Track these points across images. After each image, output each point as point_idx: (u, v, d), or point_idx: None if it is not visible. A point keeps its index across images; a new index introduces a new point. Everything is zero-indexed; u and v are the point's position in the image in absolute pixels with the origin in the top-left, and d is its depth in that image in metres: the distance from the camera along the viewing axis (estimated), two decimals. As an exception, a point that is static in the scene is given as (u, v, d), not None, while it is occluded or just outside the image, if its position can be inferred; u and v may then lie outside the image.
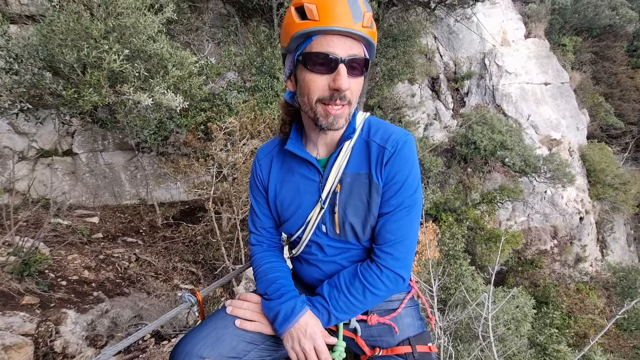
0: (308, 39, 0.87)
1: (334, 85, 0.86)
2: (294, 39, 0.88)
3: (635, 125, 16.24)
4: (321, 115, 0.91)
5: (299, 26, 0.86)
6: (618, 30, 15.98)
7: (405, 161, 0.99)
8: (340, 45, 0.85)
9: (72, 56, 3.15)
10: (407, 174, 0.99)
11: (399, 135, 1.01)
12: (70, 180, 5.34)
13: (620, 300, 9.01)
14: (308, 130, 1.04)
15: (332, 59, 0.85)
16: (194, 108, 4.69)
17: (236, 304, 1.08)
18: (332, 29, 0.83)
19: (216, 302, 3.94)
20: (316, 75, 0.88)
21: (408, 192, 0.99)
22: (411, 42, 8.60)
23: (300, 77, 0.91)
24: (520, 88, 11.70)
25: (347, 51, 0.86)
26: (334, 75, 0.86)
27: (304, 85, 0.91)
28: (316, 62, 0.86)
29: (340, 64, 0.85)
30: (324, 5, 0.83)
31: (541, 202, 10.76)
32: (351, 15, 0.83)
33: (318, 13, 0.83)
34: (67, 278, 3.59)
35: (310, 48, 0.86)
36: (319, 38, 0.85)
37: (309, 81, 0.89)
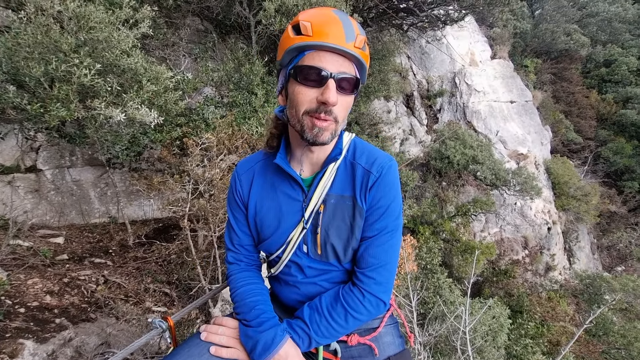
0: (301, 53, 0.89)
1: (322, 98, 0.88)
2: (287, 52, 0.91)
3: (592, 141, 17.48)
4: (307, 127, 0.91)
5: (293, 40, 0.89)
6: (573, 54, 17.41)
7: (390, 187, 1.00)
8: (332, 61, 0.88)
9: (39, 70, 3.02)
10: (392, 199, 1.01)
11: (383, 160, 1.02)
12: (33, 199, 5.02)
13: (588, 307, 9.42)
14: (294, 147, 1.04)
15: (322, 73, 0.87)
16: (169, 123, 4.59)
17: (211, 330, 1.04)
18: (324, 45, 0.86)
19: (191, 325, 3.76)
20: (305, 88, 0.89)
21: (392, 217, 1.01)
22: (386, 61, 8.93)
23: (291, 89, 0.93)
24: (488, 105, 12.36)
25: (337, 68, 0.88)
26: (322, 89, 0.88)
27: (294, 98, 0.92)
28: (307, 76, 0.88)
29: (329, 79, 0.87)
30: (319, 23, 0.87)
31: (512, 214, 11.22)
32: (344, 35, 0.87)
33: (312, 29, 0.86)
34: (25, 305, 3.31)
35: (302, 62, 0.89)
36: (311, 53, 0.88)
37: (298, 93, 0.90)
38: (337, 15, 0.90)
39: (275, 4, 4.95)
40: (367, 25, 8.30)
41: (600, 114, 18.19)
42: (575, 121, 16.92)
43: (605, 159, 17.36)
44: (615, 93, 18.70)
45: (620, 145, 17.37)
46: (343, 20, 0.89)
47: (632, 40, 20.40)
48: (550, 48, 16.62)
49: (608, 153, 17.35)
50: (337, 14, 0.90)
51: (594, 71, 19.69)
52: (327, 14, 0.90)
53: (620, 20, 19.67)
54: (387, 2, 7.81)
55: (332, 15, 0.89)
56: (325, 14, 0.90)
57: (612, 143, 17.62)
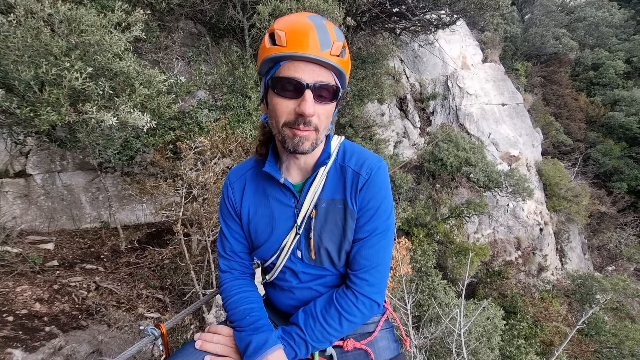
0: (277, 64, 0.88)
1: (299, 110, 0.87)
2: (264, 63, 0.91)
3: (582, 142, 17.79)
4: (288, 137, 0.92)
5: (269, 51, 0.88)
6: (562, 57, 17.74)
7: (380, 187, 1.01)
8: (307, 71, 0.86)
9: (28, 73, 2.97)
10: (382, 200, 1.01)
11: (372, 162, 1.02)
12: (22, 204, 4.92)
13: (580, 307, 9.54)
14: (281, 154, 1.05)
15: (298, 84, 0.86)
16: (162, 127, 4.55)
17: (206, 338, 1.03)
18: (299, 55, 0.85)
19: (185, 331, 3.72)
20: (283, 100, 0.89)
21: (382, 218, 1.01)
22: (379, 64, 8.99)
23: (270, 100, 0.92)
24: (480, 108, 12.51)
25: (314, 77, 0.87)
26: (299, 100, 0.87)
27: (273, 109, 0.92)
28: (283, 87, 0.88)
29: (306, 90, 0.86)
30: (293, 32, 0.85)
31: (504, 215, 11.34)
32: (319, 43, 0.85)
33: (286, 39, 0.85)
34: (14, 313, 3.24)
35: (279, 73, 0.88)
36: (286, 64, 0.87)
37: (277, 104, 0.90)
38: (312, 21, 0.87)
39: (269, 8, 4.96)
40: (360, 29, 8.36)
41: (589, 116, 18.54)
42: (565, 123, 17.21)
43: (595, 160, 17.67)
44: (603, 96, 19.08)
45: (609, 147, 17.70)
46: (318, 27, 0.86)
47: (618, 44, 20.88)
48: (540, 52, 16.92)
49: (597, 154, 17.66)
50: (313, 20, 0.88)
51: (582, 74, 20.08)
52: (302, 22, 0.87)
53: (607, 25, 20.12)
54: (380, 7, 7.88)
55: (306, 22, 0.87)
56: (300, 22, 0.87)
57: (601, 145, 17.95)
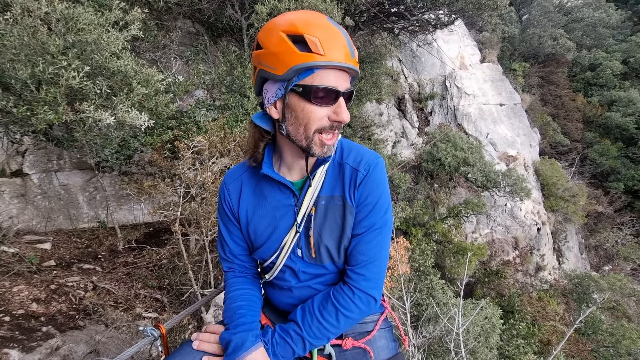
0: (308, 71, 0.86)
1: (336, 117, 0.90)
2: (294, 70, 0.86)
3: (579, 143, 17.89)
4: (316, 145, 0.92)
5: (302, 58, 0.84)
6: (559, 58, 17.82)
7: (377, 183, 1.01)
8: (340, 78, 0.89)
9: (25, 72, 2.95)
10: (379, 196, 1.01)
11: (370, 158, 1.03)
12: (19, 204, 4.90)
13: (577, 306, 9.59)
14: (286, 155, 1.03)
15: (335, 92, 0.88)
16: (160, 126, 4.53)
17: (203, 338, 1.03)
18: (337, 64, 0.86)
19: (183, 331, 3.71)
20: (317, 107, 0.89)
21: (379, 214, 1.01)
22: (377, 64, 9.00)
23: (297, 107, 0.90)
24: (478, 108, 12.54)
25: (344, 84, 0.90)
26: (334, 107, 0.90)
27: (302, 116, 0.90)
28: (318, 95, 0.87)
29: (340, 97, 0.89)
30: (328, 40, 0.84)
31: (502, 215, 11.37)
32: (349, 51, 0.87)
33: (322, 47, 0.83)
34: (11, 313, 3.22)
35: (312, 80, 0.86)
36: (320, 71, 0.86)
37: (310, 112, 0.89)
38: (337, 28, 0.88)
39: (268, 8, 4.95)
40: (358, 28, 8.36)
41: (587, 116, 18.63)
42: (562, 123, 17.29)
43: (592, 160, 17.77)
44: (600, 96, 19.18)
45: (605, 147, 17.80)
46: (344, 33, 0.88)
47: (615, 44, 21.00)
48: (538, 52, 16.99)
49: (594, 155, 17.75)
50: (335, 25, 0.89)
51: (579, 75, 20.18)
52: (329, 27, 0.87)
53: (604, 26, 20.22)
54: (378, 6, 7.89)
55: (334, 28, 0.87)
56: (327, 27, 0.87)
57: (598, 145, 18.05)
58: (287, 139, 0.96)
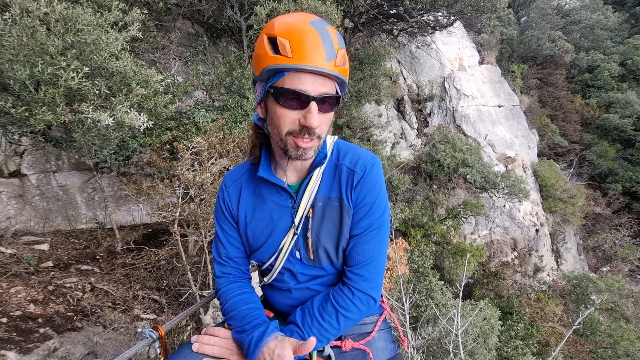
0: (280, 73, 0.85)
1: (305, 122, 0.86)
2: (265, 71, 0.86)
3: (577, 144, 17.95)
4: (291, 146, 0.91)
5: (272, 60, 0.84)
6: (558, 60, 17.89)
7: (374, 184, 1.01)
8: (312, 83, 0.85)
9: (24, 72, 2.95)
10: (376, 196, 1.01)
11: (366, 159, 1.03)
12: (16, 204, 4.88)
13: (576, 307, 9.60)
14: (278, 158, 1.04)
15: (304, 96, 0.85)
16: (159, 127, 4.53)
17: (203, 340, 1.02)
18: (305, 68, 0.82)
19: (181, 332, 3.69)
20: (287, 110, 0.87)
21: (377, 214, 1.01)
22: (377, 66, 9.02)
23: (271, 108, 0.90)
24: (477, 110, 12.57)
25: (318, 89, 0.85)
26: (304, 112, 0.86)
27: (275, 118, 0.90)
28: (287, 98, 0.86)
29: (311, 102, 0.85)
30: (298, 42, 0.81)
31: (501, 216, 11.39)
32: (325, 55, 0.83)
33: (291, 50, 0.81)
34: (8, 314, 3.20)
35: (282, 83, 0.85)
36: (291, 74, 0.84)
37: (280, 115, 0.88)
38: (316, 29, 0.83)
39: (267, 9, 4.96)
40: (358, 30, 8.38)
41: (585, 118, 18.71)
42: (560, 125, 17.35)
43: (590, 161, 17.83)
44: (598, 98, 19.27)
45: (603, 149, 17.87)
46: (323, 36, 0.83)
47: (613, 47, 21.10)
48: (536, 54, 17.05)
49: (592, 156, 17.82)
50: (316, 26, 0.84)
51: (577, 76, 20.26)
52: (305, 29, 0.83)
53: (602, 28, 20.32)
54: (377, 8, 7.90)
55: (310, 30, 0.83)
56: (303, 30, 0.83)
57: (596, 146, 18.13)
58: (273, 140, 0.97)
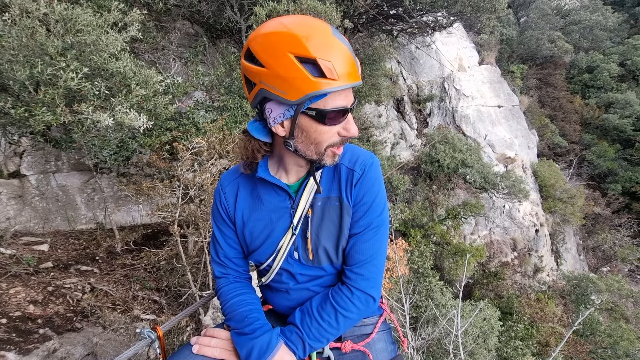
0: (323, 94, 0.84)
1: (347, 133, 0.92)
2: (309, 97, 0.82)
3: (577, 144, 17.97)
4: (328, 157, 0.94)
5: (318, 85, 0.80)
6: (557, 60, 17.90)
7: (373, 182, 1.01)
8: (349, 96, 0.90)
9: (23, 73, 2.95)
10: (375, 195, 1.02)
11: (365, 158, 1.04)
12: (16, 205, 4.87)
13: (576, 307, 9.60)
14: (287, 162, 1.02)
15: (346, 111, 0.89)
16: (158, 127, 4.52)
17: (203, 342, 1.02)
18: (350, 86, 0.85)
19: (181, 333, 3.69)
20: (329, 127, 0.90)
21: (376, 213, 1.02)
22: (376, 66, 9.02)
23: (310, 128, 0.88)
24: (476, 110, 12.57)
25: (351, 99, 0.91)
26: (344, 123, 0.91)
27: (315, 136, 0.90)
28: (332, 117, 0.88)
29: (349, 112, 0.91)
30: (340, 62, 0.82)
31: (501, 216, 11.39)
32: (358, 70, 0.88)
33: (337, 72, 0.81)
34: (7, 315, 3.20)
35: (325, 104, 0.85)
36: (334, 94, 0.85)
37: (322, 132, 0.90)
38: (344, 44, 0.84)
39: (267, 10, 4.96)
40: (357, 30, 8.38)
41: (584, 118, 18.73)
42: (560, 125, 17.36)
43: (590, 162, 17.85)
44: (597, 98, 19.29)
45: (603, 149, 17.89)
46: (349, 47, 0.86)
47: (612, 47, 21.13)
48: (536, 54, 17.07)
49: (592, 156, 17.84)
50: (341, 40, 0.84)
51: (577, 77, 20.29)
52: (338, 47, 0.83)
53: (601, 28, 20.35)
54: (377, 9, 7.91)
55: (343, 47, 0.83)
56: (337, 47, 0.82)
57: (595, 147, 18.15)
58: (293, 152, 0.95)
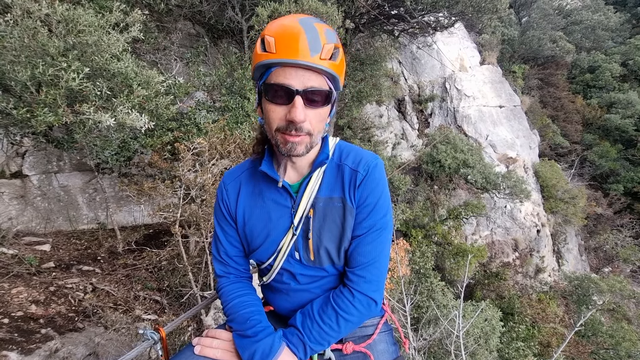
0: (268, 70, 0.88)
1: (289, 116, 0.87)
2: (256, 69, 0.90)
3: (579, 144, 17.91)
4: (281, 142, 0.92)
5: (260, 57, 0.87)
6: (559, 60, 17.86)
7: (377, 184, 1.01)
8: (297, 77, 0.85)
9: (25, 74, 2.95)
10: (379, 196, 1.01)
11: (369, 159, 1.03)
12: (18, 205, 4.89)
13: (577, 308, 9.57)
14: (277, 156, 1.04)
15: (288, 90, 0.86)
16: (160, 128, 4.53)
17: (205, 343, 1.02)
18: (287, 61, 0.83)
19: (182, 333, 3.70)
20: (275, 106, 0.89)
21: (379, 214, 1.01)
22: (377, 66, 9.01)
23: (263, 106, 0.93)
24: (478, 110, 12.55)
25: (304, 83, 0.86)
26: (290, 106, 0.87)
27: (266, 115, 0.92)
28: (274, 94, 0.88)
29: (296, 96, 0.85)
30: (282, 38, 0.84)
31: (502, 217, 11.37)
32: (308, 48, 0.83)
33: (275, 46, 0.84)
34: (9, 315, 3.21)
35: (269, 79, 0.87)
36: (277, 70, 0.86)
37: (269, 111, 0.90)
38: (302, 25, 0.85)
39: (268, 10, 4.96)
40: (359, 31, 8.38)
41: (586, 118, 18.67)
42: (562, 125, 17.32)
43: (591, 162, 17.79)
44: (599, 98, 19.22)
45: (605, 149, 17.83)
46: (308, 30, 0.84)
47: (614, 47, 21.07)
48: (537, 54, 17.03)
49: (594, 156, 17.78)
50: (303, 23, 0.86)
51: (579, 77, 20.22)
52: (291, 27, 0.85)
53: (603, 28, 20.28)
54: (378, 9, 7.90)
55: (295, 27, 0.85)
56: (290, 27, 0.85)
57: (597, 147, 18.08)
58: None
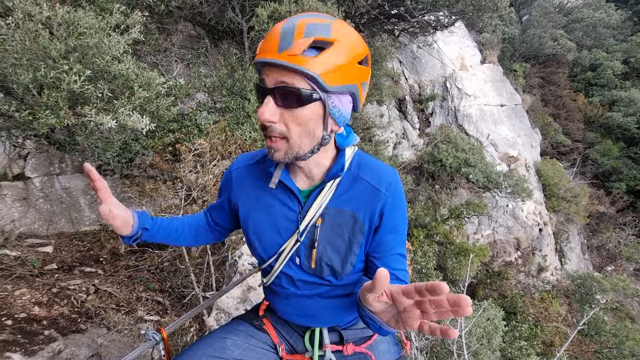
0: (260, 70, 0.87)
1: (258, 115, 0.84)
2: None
3: (580, 143, 17.85)
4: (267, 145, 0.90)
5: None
6: (560, 58, 17.81)
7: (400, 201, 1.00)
8: (270, 75, 0.82)
9: (27, 76, 2.97)
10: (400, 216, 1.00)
11: (389, 175, 0.99)
12: (20, 207, 4.91)
13: (580, 307, 9.53)
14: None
15: (261, 89, 0.84)
16: (161, 129, 4.55)
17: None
18: (260, 60, 0.82)
19: (184, 334, 3.71)
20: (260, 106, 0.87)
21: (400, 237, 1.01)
22: (378, 66, 9.01)
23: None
24: (479, 109, 12.52)
25: (274, 81, 0.81)
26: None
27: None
28: (257, 94, 0.88)
29: (267, 95, 0.82)
30: (267, 37, 0.82)
31: (504, 216, 11.34)
32: (277, 46, 0.78)
33: (260, 46, 0.84)
34: (13, 316, 3.22)
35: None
36: (262, 70, 0.84)
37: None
38: (285, 23, 0.81)
39: (268, 11, 4.96)
40: (359, 30, 8.38)
41: (588, 116, 18.59)
42: (563, 124, 17.25)
43: (593, 160, 17.72)
44: (601, 96, 19.14)
45: (607, 147, 17.75)
46: (285, 27, 0.79)
47: (616, 44, 20.97)
48: (538, 53, 16.98)
49: (596, 155, 17.71)
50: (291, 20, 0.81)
51: (580, 75, 20.15)
52: (279, 25, 0.82)
53: (604, 26, 20.20)
54: (378, 8, 7.90)
55: (282, 24, 0.81)
56: (278, 25, 0.82)
57: (599, 145, 18.01)
58: None
